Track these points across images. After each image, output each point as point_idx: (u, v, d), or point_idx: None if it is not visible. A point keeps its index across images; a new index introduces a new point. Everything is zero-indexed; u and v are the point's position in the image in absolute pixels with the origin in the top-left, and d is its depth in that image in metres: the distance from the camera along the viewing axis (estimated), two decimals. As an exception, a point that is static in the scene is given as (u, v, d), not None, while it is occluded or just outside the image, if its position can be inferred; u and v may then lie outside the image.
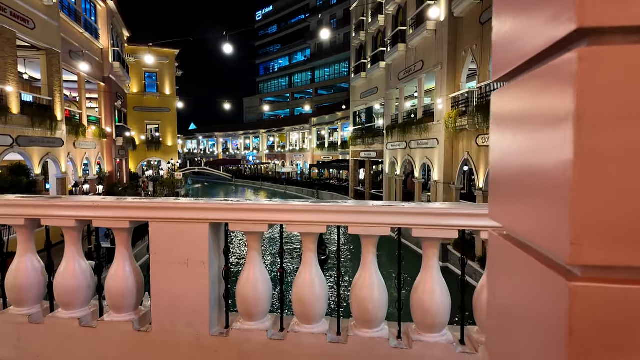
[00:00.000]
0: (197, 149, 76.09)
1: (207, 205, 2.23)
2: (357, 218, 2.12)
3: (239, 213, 2.21)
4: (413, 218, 2.06)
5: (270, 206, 2.20)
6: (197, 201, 2.28)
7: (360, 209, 2.13)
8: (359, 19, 30.66)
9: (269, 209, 2.19)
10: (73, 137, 20.31)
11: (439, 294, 2.14)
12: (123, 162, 31.09)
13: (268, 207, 2.20)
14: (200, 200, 2.30)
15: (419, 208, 2.07)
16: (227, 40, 11.08)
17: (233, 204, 2.22)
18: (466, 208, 2.08)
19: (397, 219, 2.08)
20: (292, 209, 2.18)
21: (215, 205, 2.23)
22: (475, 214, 2.01)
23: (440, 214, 2.05)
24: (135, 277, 2.41)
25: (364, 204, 2.18)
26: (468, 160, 17.01)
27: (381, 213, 2.10)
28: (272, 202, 2.23)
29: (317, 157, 49.87)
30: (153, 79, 38.89)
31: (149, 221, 2.29)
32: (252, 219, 2.20)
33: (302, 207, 2.17)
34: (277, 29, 74.80)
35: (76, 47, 20.91)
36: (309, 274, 2.24)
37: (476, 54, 16.17)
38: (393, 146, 24.63)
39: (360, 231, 2.13)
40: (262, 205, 2.20)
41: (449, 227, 2.04)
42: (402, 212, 2.08)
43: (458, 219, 2.02)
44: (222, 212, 2.22)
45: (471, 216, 2.01)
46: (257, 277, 2.29)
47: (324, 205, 2.15)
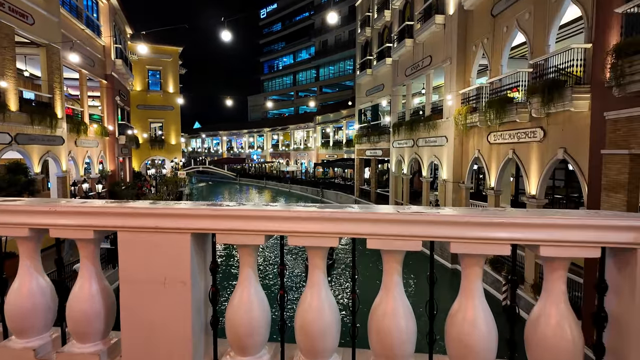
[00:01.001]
0: (201, 147, 75.95)
1: (189, 211, 1.77)
2: (379, 228, 1.65)
3: (229, 221, 1.75)
4: (453, 229, 1.59)
5: (268, 212, 1.73)
6: (177, 206, 1.82)
7: (383, 216, 1.66)
8: (364, 15, 30.11)
9: (266, 215, 1.73)
10: (74, 135, 19.98)
11: (483, 325, 1.66)
12: (126, 160, 30.78)
13: (265, 214, 1.73)
14: (180, 205, 1.84)
15: (461, 216, 1.60)
16: (225, 27, 10.63)
17: (221, 210, 1.76)
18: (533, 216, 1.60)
19: (432, 229, 1.61)
20: (296, 217, 1.71)
21: (199, 211, 1.77)
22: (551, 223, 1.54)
23: (489, 224, 1.58)
24: (104, 299, 1.95)
25: (387, 210, 1.71)
26: (479, 158, 16.46)
27: (410, 222, 1.63)
28: (270, 208, 1.77)
29: (322, 155, 49.40)
30: (157, 76, 38.57)
31: (117, 231, 1.84)
32: (245, 229, 1.74)
33: (308, 213, 1.70)
34: (282, 26, 74.36)
35: (77, 43, 20.57)
36: (316, 297, 1.78)
37: (487, 48, 15.60)
38: (400, 144, 24.09)
39: (382, 245, 1.66)
40: (258, 212, 1.74)
41: (499, 241, 1.58)
42: (438, 222, 1.61)
43: (519, 230, 1.55)
44: (207, 219, 1.76)
45: (543, 227, 1.54)
46: (252, 300, 1.83)
47: (336, 212, 1.69)
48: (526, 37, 13.17)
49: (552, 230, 1.57)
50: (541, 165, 12.49)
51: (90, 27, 22.84)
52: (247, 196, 48.58)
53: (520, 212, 1.71)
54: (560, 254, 1.59)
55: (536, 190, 12.66)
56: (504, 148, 14.61)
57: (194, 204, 1.87)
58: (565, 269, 1.65)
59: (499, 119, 13.70)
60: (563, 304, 1.62)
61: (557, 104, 10.55)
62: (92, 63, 22.94)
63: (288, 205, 1.82)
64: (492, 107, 13.95)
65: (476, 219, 1.60)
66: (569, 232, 1.56)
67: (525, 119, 12.87)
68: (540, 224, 1.58)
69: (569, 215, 1.62)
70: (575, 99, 10.11)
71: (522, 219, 1.59)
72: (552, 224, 1.57)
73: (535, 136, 12.66)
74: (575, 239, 1.55)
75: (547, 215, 1.62)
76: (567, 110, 10.72)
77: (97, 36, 24.11)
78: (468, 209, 1.79)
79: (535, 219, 1.59)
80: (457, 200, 18.30)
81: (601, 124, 9.36)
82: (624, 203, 8.40)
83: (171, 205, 1.84)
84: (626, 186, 8.37)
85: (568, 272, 1.68)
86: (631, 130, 8.28)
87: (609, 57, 8.39)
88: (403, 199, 24.18)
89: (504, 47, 14.52)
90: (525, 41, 13.80)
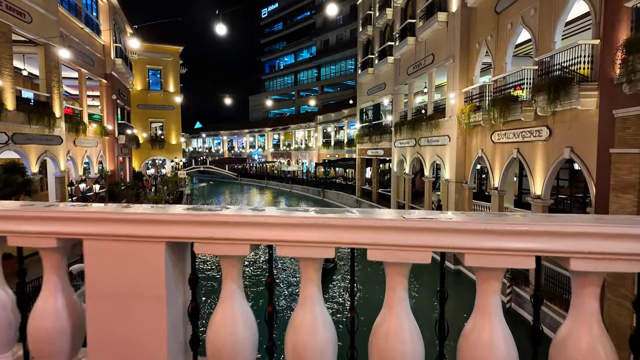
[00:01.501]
0: (202, 147, 75.84)
1: (163, 216, 1.54)
2: (381, 237, 1.42)
3: (209, 228, 1.52)
4: (469, 238, 1.36)
5: (253, 218, 1.50)
6: (150, 211, 1.59)
7: (386, 223, 1.42)
8: (366, 13, 29.86)
9: (251, 222, 1.50)
10: (73, 134, 19.80)
11: (501, 347, 1.43)
12: (126, 160, 30.61)
13: (250, 220, 1.50)
14: (154, 210, 1.61)
15: (478, 223, 1.37)
16: (221, 20, 10.41)
17: (200, 215, 1.53)
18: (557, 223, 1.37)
19: (443, 238, 1.38)
20: (286, 223, 1.48)
21: (175, 216, 1.54)
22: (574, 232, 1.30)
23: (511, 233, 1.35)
24: (71, 315, 1.72)
25: (391, 216, 1.48)
26: (482, 158, 16.19)
27: (418, 230, 1.39)
28: (256, 213, 1.53)
29: (323, 155, 49.16)
30: (157, 76, 38.41)
31: (82, 239, 1.61)
32: (227, 237, 1.51)
33: (299, 220, 1.47)
34: (283, 26, 74.16)
35: (76, 42, 20.40)
36: (309, 315, 1.55)
37: (491, 46, 15.33)
38: (401, 144, 23.83)
39: (385, 256, 1.43)
40: (242, 218, 1.51)
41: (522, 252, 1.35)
42: (450, 229, 1.38)
43: (546, 239, 1.32)
44: (184, 226, 1.53)
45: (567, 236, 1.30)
46: (236, 318, 1.60)
47: (332, 217, 1.46)
48: (531, 34, 12.90)
49: (585, 239, 1.33)
50: (547, 165, 12.22)
51: (90, 25, 22.67)
52: (248, 196, 48.41)
53: (545, 217, 1.47)
54: (594, 267, 1.36)
55: (541, 191, 12.40)
56: (508, 147, 14.35)
57: (170, 209, 1.65)
58: (598, 285, 1.42)
59: (503, 118, 13.44)
60: (596, 325, 1.39)
61: (564, 102, 10.29)
62: (92, 62, 22.76)
63: (278, 210, 1.59)
64: (496, 106, 13.69)
65: (496, 227, 1.36)
66: (605, 242, 1.33)
67: (530, 117, 12.61)
68: (570, 233, 1.34)
69: (604, 222, 1.38)
70: (582, 96, 9.85)
71: (549, 226, 1.36)
72: (585, 233, 1.33)
73: (540, 135, 12.40)
74: (612, 250, 1.32)
75: (577, 221, 1.38)
76: (574, 108, 10.45)
77: (97, 35, 23.94)
78: (483, 214, 1.55)
79: (565, 226, 1.35)
80: (459, 200, 18.04)
81: (610, 122, 9.10)
82: (634, 204, 8.14)
83: (144, 210, 1.61)
84: (637, 186, 8.11)
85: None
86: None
87: (619, 52, 8.13)
88: (405, 199, 23.92)
89: (508, 45, 14.26)
90: (530, 38, 13.54)
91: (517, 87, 13.42)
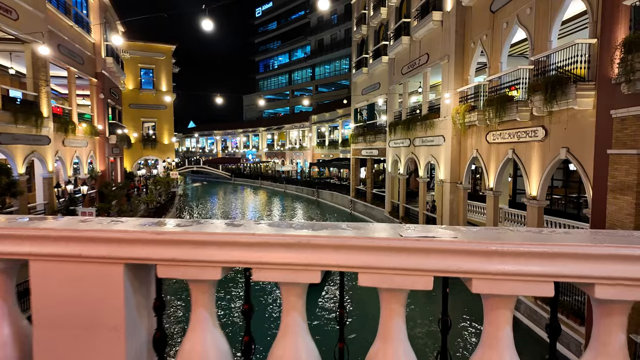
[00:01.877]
0: (195, 147, 75.30)
1: (120, 234, 1.32)
2: (374, 259, 1.21)
3: (174, 248, 1.30)
4: (477, 261, 1.16)
5: (226, 237, 1.28)
6: (106, 227, 1.37)
7: (380, 242, 1.21)
8: (360, 13, 29.67)
9: (224, 241, 1.28)
10: (62, 134, 19.40)
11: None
12: (117, 160, 30.16)
13: (223, 239, 1.28)
14: (112, 226, 1.39)
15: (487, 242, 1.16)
16: (207, 15, 10.14)
17: (163, 233, 1.31)
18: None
19: (447, 261, 1.18)
20: (264, 242, 1.27)
21: (135, 234, 1.31)
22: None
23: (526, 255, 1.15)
24: (18, 345, 1.49)
25: (386, 234, 1.27)
26: (477, 158, 16.07)
27: (418, 251, 1.19)
28: (231, 230, 1.32)
29: (317, 155, 48.94)
30: (149, 75, 37.95)
31: (28, 259, 1.38)
32: (195, 259, 1.29)
33: (280, 238, 1.26)
34: (277, 25, 73.78)
35: (65, 40, 19.99)
36: (291, 348, 1.34)
37: (486, 45, 15.20)
38: (396, 144, 23.68)
39: (380, 282, 1.23)
40: (213, 236, 1.29)
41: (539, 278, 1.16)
42: (455, 251, 1.18)
43: (567, 262, 1.13)
44: (145, 245, 1.31)
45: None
46: (207, 349, 1.39)
47: (317, 236, 1.24)
48: (527, 33, 12.78)
49: (614, 262, 1.13)
50: (542, 166, 12.10)
51: (80, 24, 22.24)
52: (242, 196, 48.06)
53: (564, 236, 1.27)
54: (625, 295, 1.16)
55: (537, 191, 12.28)
56: (503, 148, 14.23)
57: (133, 224, 1.42)
58: (626, 314, 1.22)
59: (498, 118, 13.31)
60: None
61: (560, 101, 10.16)
62: (81, 60, 22.34)
63: (257, 225, 1.38)
64: (491, 106, 13.55)
65: (508, 247, 1.16)
66: (637, 267, 1.13)
67: (526, 117, 12.48)
68: (596, 255, 1.14)
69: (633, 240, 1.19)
70: (579, 96, 9.72)
71: (570, 246, 1.15)
72: (614, 255, 1.13)
73: (536, 135, 12.28)
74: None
75: (603, 241, 1.18)
76: (571, 108, 10.33)
77: (87, 33, 23.52)
78: (491, 230, 1.34)
79: (589, 247, 1.14)
80: (454, 200, 17.91)
81: (607, 123, 8.97)
82: (632, 206, 8.01)
83: (99, 226, 1.38)
84: (635, 188, 7.98)
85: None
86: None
87: (617, 51, 7.99)
88: (399, 200, 23.77)
89: (503, 44, 14.13)
90: (525, 38, 13.43)
91: (512, 87, 13.30)
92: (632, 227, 7.93)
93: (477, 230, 1.31)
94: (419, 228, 1.32)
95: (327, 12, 60.62)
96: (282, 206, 38.92)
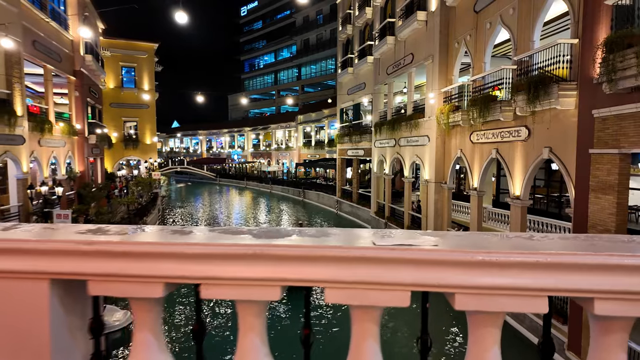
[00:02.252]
0: (179, 147, 74.24)
1: (46, 245, 1.11)
2: (343, 271, 1.04)
3: (108, 261, 1.10)
4: (461, 272, 1.01)
5: (168, 247, 1.09)
6: (27, 236, 1.16)
7: (350, 252, 1.04)
8: (345, 12, 29.60)
9: (166, 253, 1.09)
10: (37, 134, 18.76)
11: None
12: (97, 161, 29.43)
13: (164, 250, 1.09)
14: (39, 235, 1.18)
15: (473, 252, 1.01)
16: (181, 7, 9.87)
17: (97, 242, 1.11)
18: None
19: (427, 272, 1.03)
20: (213, 253, 1.08)
21: (60, 244, 1.11)
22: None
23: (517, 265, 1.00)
24: None
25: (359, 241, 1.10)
26: (461, 158, 16.11)
27: (393, 262, 1.03)
28: (176, 239, 1.13)
29: (304, 155, 48.73)
30: (131, 74, 37.17)
31: None
32: (131, 274, 1.09)
33: (232, 248, 1.07)
34: (262, 24, 73.29)
35: (41, 36, 19.33)
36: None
37: (470, 45, 15.25)
38: (381, 144, 23.66)
39: (349, 298, 1.06)
40: (154, 246, 1.10)
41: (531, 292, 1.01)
42: (436, 261, 1.02)
43: (562, 273, 0.98)
44: (74, 258, 1.11)
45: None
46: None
47: (277, 245, 1.06)
48: (510, 33, 12.84)
49: (616, 275, 0.99)
50: (525, 165, 12.16)
51: (57, 20, 21.56)
52: (227, 197, 47.51)
53: (559, 241, 1.11)
54: (629, 311, 1.01)
55: (521, 191, 12.33)
56: (487, 147, 14.29)
57: (66, 232, 1.22)
58: (628, 332, 1.07)
59: (482, 118, 13.34)
60: None
61: (543, 101, 10.19)
62: (59, 58, 21.67)
63: (210, 232, 1.19)
64: (475, 106, 13.58)
65: (497, 257, 1.00)
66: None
67: (510, 117, 12.54)
68: (596, 265, 0.99)
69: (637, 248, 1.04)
70: (561, 96, 9.76)
71: (567, 255, 1.00)
72: (616, 265, 0.98)
73: (519, 135, 12.34)
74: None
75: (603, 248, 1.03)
76: (553, 108, 10.38)
77: (65, 30, 22.83)
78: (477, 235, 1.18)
79: (588, 256, 0.99)
80: (439, 200, 17.94)
81: (589, 123, 9.02)
82: (614, 205, 8.06)
83: (25, 235, 1.17)
84: (616, 187, 8.03)
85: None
86: (621, 128, 7.94)
87: (599, 51, 8.03)
88: (385, 200, 23.75)
89: (487, 44, 14.18)
90: (509, 38, 13.49)
91: (496, 87, 13.36)
92: (614, 226, 7.98)
93: (462, 236, 1.15)
94: (398, 234, 1.15)
95: (313, 11, 60.52)
96: (268, 207, 38.57)
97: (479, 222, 15.15)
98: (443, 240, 1.09)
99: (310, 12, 61.00)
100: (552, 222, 13.39)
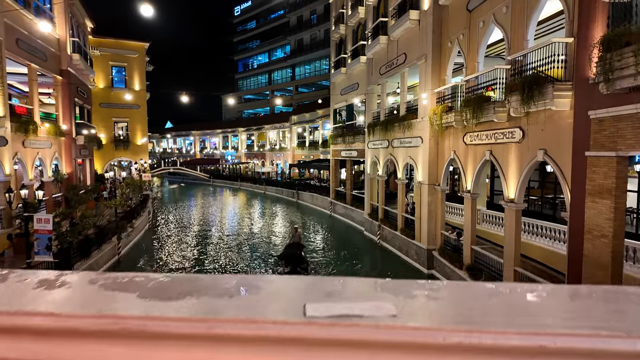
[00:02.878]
0: (172, 148, 73.58)
1: None
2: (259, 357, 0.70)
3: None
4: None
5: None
6: None
7: (268, 329, 0.70)
8: (338, 12, 29.29)
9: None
10: (22, 135, 18.24)
11: None
12: (86, 162, 28.87)
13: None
14: None
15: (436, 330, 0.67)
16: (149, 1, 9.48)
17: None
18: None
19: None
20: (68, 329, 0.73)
21: None
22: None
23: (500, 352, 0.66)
24: None
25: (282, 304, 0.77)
26: (454, 159, 15.84)
27: (329, 344, 0.69)
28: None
29: (298, 156, 48.35)
30: (122, 73, 36.60)
31: None
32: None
33: (97, 322, 0.72)
34: (256, 24, 72.81)
35: (25, 35, 18.82)
36: None
37: (463, 45, 14.98)
38: (375, 145, 23.36)
39: None
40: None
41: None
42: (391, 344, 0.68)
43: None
44: None
45: None
46: None
47: (161, 318, 0.72)
48: (503, 32, 12.57)
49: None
50: (520, 167, 11.90)
51: (41, 17, 21.02)
52: (221, 198, 47.05)
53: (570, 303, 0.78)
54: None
55: (515, 194, 12.07)
56: (480, 149, 14.02)
57: None
58: None
59: (475, 119, 13.06)
60: None
61: (538, 102, 9.91)
62: (44, 57, 21.14)
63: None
64: (468, 106, 13.30)
65: (485, 339, 0.66)
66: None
67: (503, 118, 12.26)
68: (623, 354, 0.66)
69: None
70: (556, 96, 9.49)
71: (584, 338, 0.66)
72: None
73: (513, 137, 12.07)
74: None
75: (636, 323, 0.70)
76: (548, 109, 10.11)
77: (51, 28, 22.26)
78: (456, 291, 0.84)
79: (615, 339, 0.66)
80: (432, 202, 17.66)
81: (585, 124, 8.76)
82: (611, 210, 7.80)
83: None
84: (613, 191, 7.77)
85: None
86: (619, 130, 7.67)
87: (595, 50, 7.76)
88: (379, 202, 23.45)
89: (480, 44, 13.92)
90: (502, 38, 13.23)
91: (489, 87, 13.09)
92: (611, 231, 7.72)
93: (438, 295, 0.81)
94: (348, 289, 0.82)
95: (307, 11, 60.18)
96: (262, 208, 38.17)
97: (473, 224, 14.88)
98: (408, 303, 0.76)
99: (304, 12, 60.66)
100: (547, 224, 13.15)
